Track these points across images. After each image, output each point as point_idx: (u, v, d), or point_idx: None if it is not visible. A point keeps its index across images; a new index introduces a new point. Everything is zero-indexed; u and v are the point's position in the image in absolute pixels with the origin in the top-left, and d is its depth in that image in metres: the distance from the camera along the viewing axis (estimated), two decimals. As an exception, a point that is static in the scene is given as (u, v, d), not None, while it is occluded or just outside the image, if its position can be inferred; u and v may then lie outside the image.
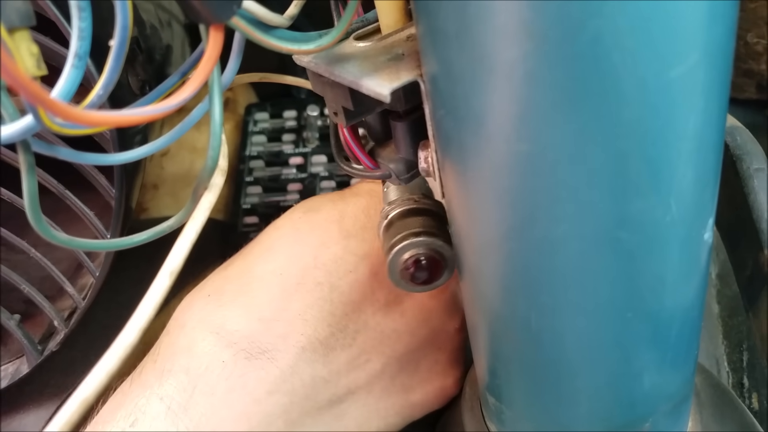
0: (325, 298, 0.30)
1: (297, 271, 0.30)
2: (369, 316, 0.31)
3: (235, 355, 0.28)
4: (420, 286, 0.25)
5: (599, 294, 0.19)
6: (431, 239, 0.24)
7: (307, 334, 0.29)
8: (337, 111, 0.23)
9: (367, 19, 0.23)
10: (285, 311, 0.29)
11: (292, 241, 0.31)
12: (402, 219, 0.26)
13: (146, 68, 0.35)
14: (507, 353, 0.23)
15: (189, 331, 0.29)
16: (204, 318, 0.29)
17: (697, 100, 0.16)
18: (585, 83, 0.15)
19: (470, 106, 0.17)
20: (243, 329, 0.29)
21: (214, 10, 0.17)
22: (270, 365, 0.29)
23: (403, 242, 0.25)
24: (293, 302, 0.29)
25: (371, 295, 0.31)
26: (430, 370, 0.33)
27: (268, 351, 0.29)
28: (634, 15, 0.14)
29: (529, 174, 0.17)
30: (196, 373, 0.28)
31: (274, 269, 0.30)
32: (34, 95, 0.13)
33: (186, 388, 0.27)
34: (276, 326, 0.29)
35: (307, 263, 0.30)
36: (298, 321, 0.29)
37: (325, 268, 0.30)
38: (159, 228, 0.22)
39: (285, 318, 0.29)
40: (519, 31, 0.14)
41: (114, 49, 0.16)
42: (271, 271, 0.30)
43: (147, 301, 0.19)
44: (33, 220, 0.18)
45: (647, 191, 0.17)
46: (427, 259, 0.25)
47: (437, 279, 0.25)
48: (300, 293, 0.30)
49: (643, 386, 0.22)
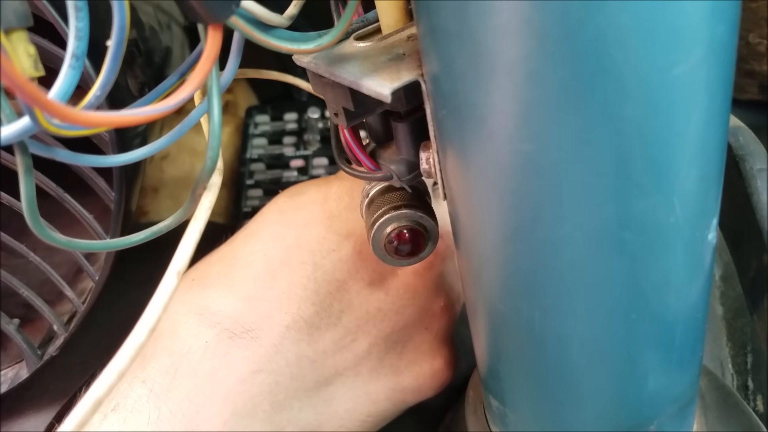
0: (309, 276, 0.30)
1: (280, 252, 0.30)
2: (353, 295, 0.31)
3: (219, 335, 0.28)
4: (404, 258, 0.26)
5: (603, 295, 0.19)
6: (412, 211, 0.25)
7: (291, 313, 0.29)
8: (338, 112, 0.23)
9: (367, 19, 0.23)
10: (269, 290, 0.29)
11: (276, 223, 0.31)
12: (382, 195, 0.26)
13: (145, 70, 0.35)
14: (510, 355, 0.22)
15: (171, 314, 0.28)
16: (186, 300, 0.29)
17: (701, 98, 0.16)
18: (587, 81, 0.15)
19: (472, 106, 0.17)
20: (226, 309, 0.29)
21: (213, 9, 0.16)
22: (254, 344, 0.28)
23: (384, 216, 0.25)
24: (277, 281, 0.30)
25: (355, 273, 0.31)
26: (418, 350, 0.33)
27: (252, 330, 0.29)
28: (636, 12, 0.14)
29: (532, 174, 0.17)
30: (178, 354, 0.27)
31: (257, 250, 0.31)
32: (30, 96, 0.13)
33: (168, 370, 0.27)
34: (260, 305, 0.29)
35: (290, 243, 0.30)
36: (283, 300, 0.29)
37: (308, 247, 0.30)
38: (157, 227, 0.21)
39: (269, 297, 0.29)
40: (521, 30, 0.14)
41: (111, 49, 0.16)
42: (254, 252, 0.30)
43: (155, 302, 0.19)
44: (31, 222, 0.18)
45: (651, 191, 0.17)
46: (410, 231, 0.25)
47: (421, 251, 0.26)
48: (284, 272, 0.30)
49: (648, 388, 0.22)
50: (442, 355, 0.34)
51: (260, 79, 0.57)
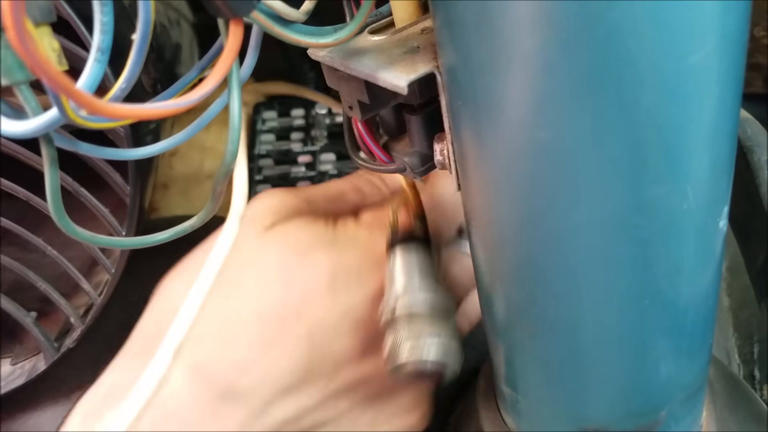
0: (303, 352, 0.30)
1: (278, 321, 0.30)
2: (345, 366, 0.31)
3: (210, 395, 0.29)
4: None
5: (616, 281, 0.19)
6: (438, 350, 0.26)
7: (282, 380, 0.30)
8: (353, 105, 0.23)
9: (380, 13, 0.24)
10: (263, 357, 0.29)
11: (276, 284, 0.30)
12: (410, 321, 0.27)
13: (157, 66, 0.35)
14: (524, 343, 0.23)
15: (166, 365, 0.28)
16: (184, 355, 0.29)
17: (713, 87, 0.17)
18: (603, 71, 0.15)
19: (489, 96, 0.17)
20: (220, 371, 0.29)
21: (236, 5, 0.17)
22: (243, 406, 0.29)
23: (409, 354, 0.26)
24: (272, 350, 0.29)
25: (350, 349, 0.31)
26: (398, 408, 0.33)
27: (242, 394, 0.29)
28: (651, 5, 0.14)
29: (547, 161, 0.17)
30: (171, 409, 0.28)
31: (254, 312, 0.30)
32: (62, 86, 0.14)
33: (159, 423, 0.28)
34: (253, 371, 0.29)
35: (289, 313, 0.30)
36: (275, 368, 0.29)
37: (308, 323, 0.30)
38: (180, 227, 0.22)
39: (262, 364, 0.29)
40: (538, 21, 0.15)
41: (136, 43, 0.16)
42: (251, 314, 0.30)
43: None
44: (56, 216, 0.18)
45: (664, 178, 0.17)
46: (431, 369, 0.27)
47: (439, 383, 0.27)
48: (279, 343, 0.30)
49: (659, 375, 0.22)
50: (419, 413, 0.34)
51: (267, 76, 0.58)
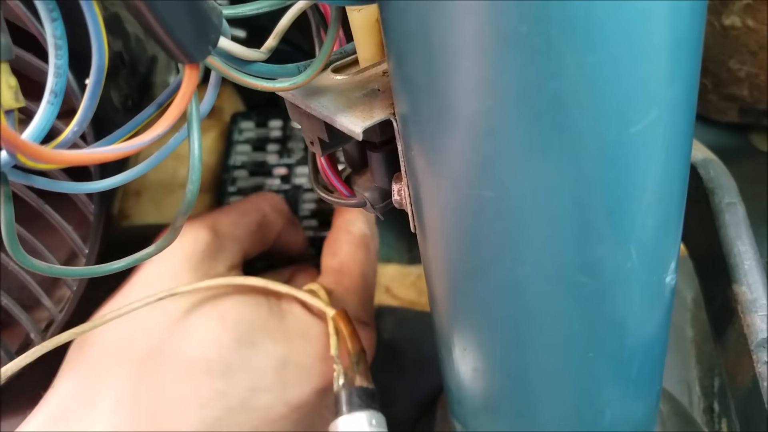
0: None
1: (220, 408, 0.29)
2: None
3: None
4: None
5: (561, 334, 0.20)
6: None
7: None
8: (314, 141, 0.23)
9: (345, 51, 0.24)
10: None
11: (219, 375, 0.29)
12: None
13: (129, 81, 0.35)
14: (472, 384, 0.23)
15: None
16: (114, 424, 0.28)
17: (658, 153, 0.17)
18: (545, 138, 0.15)
19: (437, 151, 0.17)
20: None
21: (189, 49, 0.17)
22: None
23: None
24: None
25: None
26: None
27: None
28: (593, 77, 0.14)
29: (492, 218, 0.17)
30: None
31: (194, 397, 0.29)
32: (7, 141, 0.14)
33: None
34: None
35: (232, 404, 0.29)
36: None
37: (251, 413, 0.29)
38: (137, 256, 0.22)
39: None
40: (481, 88, 0.15)
41: (89, 89, 0.16)
42: (190, 399, 0.29)
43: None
44: (11, 251, 0.18)
45: (607, 239, 0.17)
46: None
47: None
48: (220, 429, 0.29)
49: (605, 419, 0.23)
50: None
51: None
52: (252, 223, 0.36)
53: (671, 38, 0.15)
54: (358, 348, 0.29)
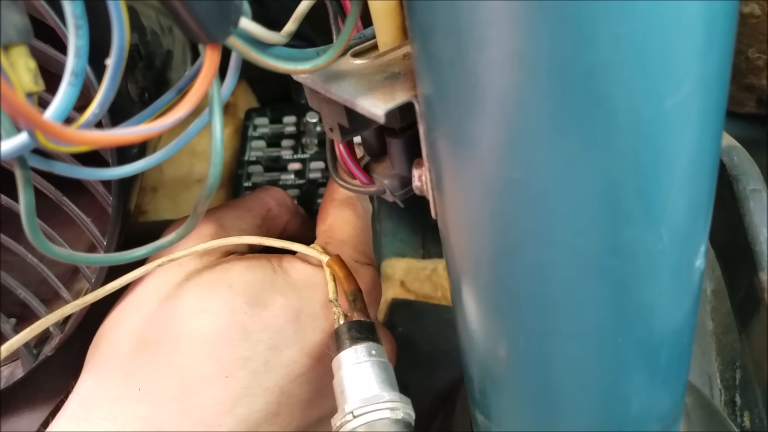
0: (273, 401, 0.29)
1: (245, 375, 0.29)
2: (313, 408, 0.31)
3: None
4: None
5: (589, 319, 0.19)
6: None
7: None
8: (333, 127, 0.23)
9: (364, 35, 0.23)
10: (229, 416, 0.28)
11: (239, 342, 0.29)
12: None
13: (146, 75, 0.35)
14: (496, 374, 0.23)
15: (120, 429, 0.27)
16: (138, 415, 0.28)
17: (691, 129, 0.16)
18: (577, 113, 0.15)
19: (463, 131, 0.17)
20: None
21: (210, 29, 0.17)
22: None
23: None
24: (239, 407, 0.29)
25: (321, 392, 0.31)
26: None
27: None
28: (628, 49, 0.14)
29: (520, 200, 0.17)
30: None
31: (217, 370, 0.29)
32: (28, 118, 0.14)
33: None
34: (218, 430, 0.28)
35: (256, 367, 0.29)
36: (242, 426, 0.29)
37: (276, 372, 0.29)
38: (158, 243, 0.22)
39: (228, 423, 0.28)
40: (512, 62, 0.14)
41: (110, 69, 0.16)
42: (214, 374, 0.29)
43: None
44: (30, 235, 0.18)
45: (639, 220, 0.17)
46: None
47: None
48: (248, 397, 0.29)
49: (632, 409, 0.22)
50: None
51: (260, 81, 0.57)
52: (257, 216, 0.36)
53: (706, 8, 0.14)
54: (353, 287, 0.30)
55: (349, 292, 0.29)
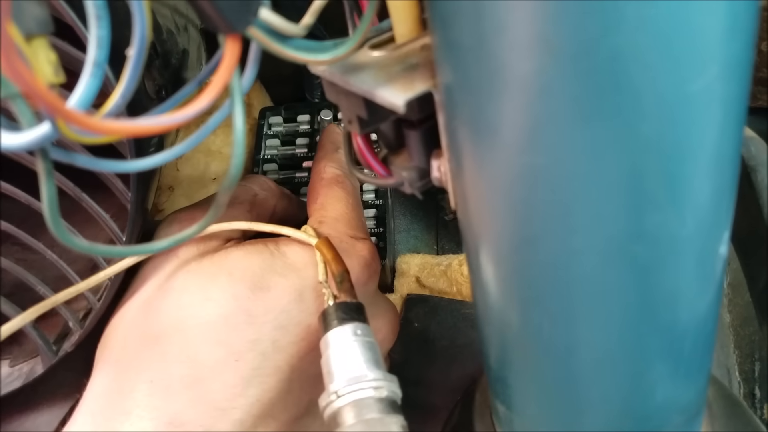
0: (284, 379, 0.29)
1: (254, 357, 0.29)
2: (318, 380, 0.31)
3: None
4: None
5: (613, 306, 0.19)
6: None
7: (263, 417, 0.29)
8: (352, 119, 0.23)
9: (381, 28, 0.23)
10: (241, 398, 0.29)
11: (245, 325, 0.29)
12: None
13: (162, 73, 0.35)
14: (518, 363, 0.23)
15: (136, 421, 0.28)
16: (152, 406, 0.28)
17: (716, 113, 0.16)
18: (602, 98, 0.15)
19: (485, 118, 0.17)
20: (198, 419, 0.28)
21: (231, 19, 0.17)
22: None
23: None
24: (250, 388, 0.29)
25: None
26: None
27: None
28: (654, 31, 0.14)
29: (544, 187, 0.17)
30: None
31: (226, 355, 0.29)
32: (51, 106, 0.14)
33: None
34: (233, 414, 0.28)
35: (264, 348, 0.29)
36: (256, 407, 0.29)
37: (286, 351, 0.30)
38: (179, 236, 0.22)
39: (241, 405, 0.29)
40: (536, 45, 0.14)
41: (132, 58, 0.16)
42: (224, 359, 0.29)
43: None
44: (53, 227, 0.18)
45: (663, 205, 0.17)
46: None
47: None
48: (259, 378, 0.29)
49: (655, 399, 0.22)
50: None
51: (274, 80, 0.58)
52: (245, 202, 0.37)
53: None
54: (340, 269, 0.30)
55: (337, 273, 0.30)
